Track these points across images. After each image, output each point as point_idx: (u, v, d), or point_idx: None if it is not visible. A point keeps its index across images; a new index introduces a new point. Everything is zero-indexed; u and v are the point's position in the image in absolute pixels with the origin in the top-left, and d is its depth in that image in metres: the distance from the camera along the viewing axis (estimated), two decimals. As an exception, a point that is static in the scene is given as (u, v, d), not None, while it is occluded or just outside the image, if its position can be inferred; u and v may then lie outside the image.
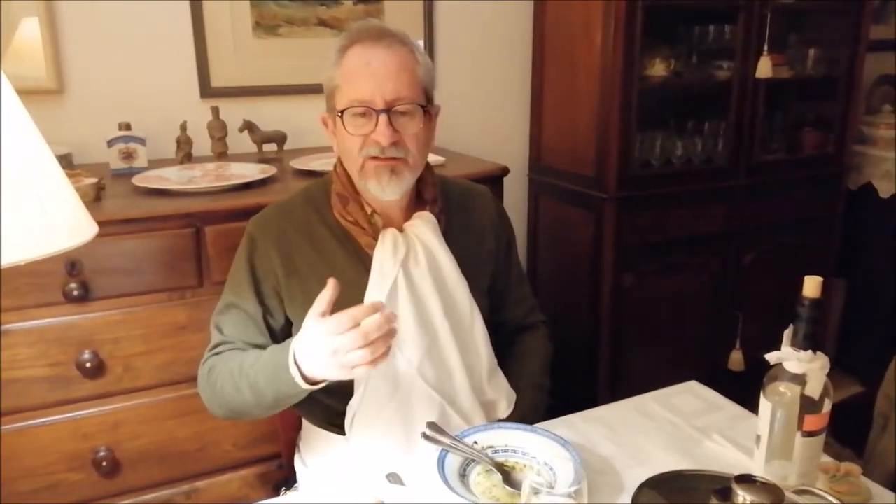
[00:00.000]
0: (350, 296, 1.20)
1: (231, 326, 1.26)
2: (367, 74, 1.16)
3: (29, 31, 1.93)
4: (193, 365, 1.34)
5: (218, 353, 1.25)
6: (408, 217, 1.29)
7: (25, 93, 0.79)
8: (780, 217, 2.62)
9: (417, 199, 1.31)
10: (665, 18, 2.32)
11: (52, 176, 0.79)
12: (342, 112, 1.18)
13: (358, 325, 1.00)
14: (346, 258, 1.26)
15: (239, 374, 1.17)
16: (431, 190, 1.31)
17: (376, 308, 1.02)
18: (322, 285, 1.10)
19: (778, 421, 1.00)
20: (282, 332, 1.29)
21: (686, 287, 2.49)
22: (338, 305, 1.09)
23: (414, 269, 1.25)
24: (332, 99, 1.22)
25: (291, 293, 1.26)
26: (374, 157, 1.19)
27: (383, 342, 1.02)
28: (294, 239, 1.27)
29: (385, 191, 1.21)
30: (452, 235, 1.31)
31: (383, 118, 1.17)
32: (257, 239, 1.27)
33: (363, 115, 1.18)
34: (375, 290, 1.23)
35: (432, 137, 1.29)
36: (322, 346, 1.03)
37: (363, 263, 1.25)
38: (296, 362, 1.08)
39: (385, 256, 1.23)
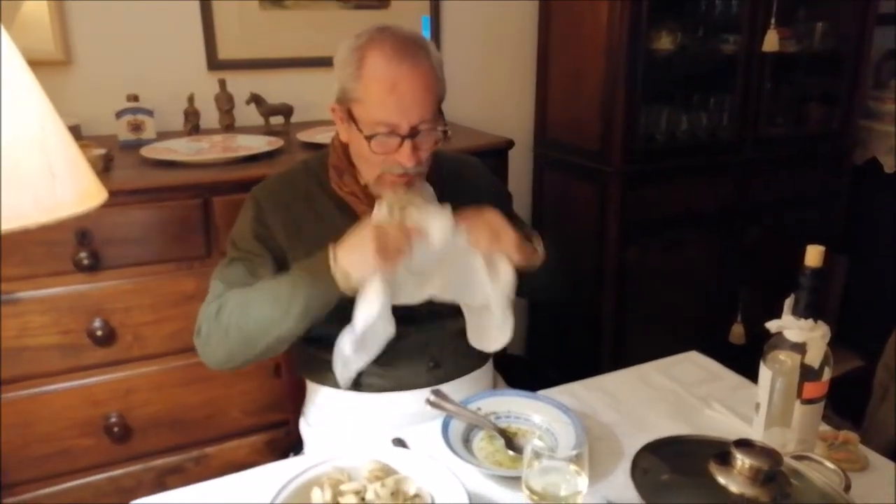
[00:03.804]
0: None
1: (235, 276, 1.27)
2: (394, 99, 1.15)
3: (36, 2, 1.93)
4: (202, 334, 1.37)
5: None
6: None
7: (32, 64, 0.79)
8: (784, 192, 2.62)
9: None
10: (672, -9, 2.30)
11: (62, 140, 0.80)
12: (368, 138, 1.17)
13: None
14: (346, 225, 1.27)
15: (259, 290, 1.19)
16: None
17: None
18: (324, 246, 1.16)
19: (778, 388, 1.02)
20: None
21: (689, 261, 2.50)
22: None
23: None
24: (348, 103, 1.21)
25: (295, 254, 1.27)
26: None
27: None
28: (296, 205, 1.31)
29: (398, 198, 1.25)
30: (447, 201, 1.30)
31: (408, 143, 1.17)
32: (262, 202, 1.30)
33: (386, 134, 1.18)
34: None
35: None
36: (369, 233, 1.13)
37: None
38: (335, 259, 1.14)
39: (381, 219, 1.24)
